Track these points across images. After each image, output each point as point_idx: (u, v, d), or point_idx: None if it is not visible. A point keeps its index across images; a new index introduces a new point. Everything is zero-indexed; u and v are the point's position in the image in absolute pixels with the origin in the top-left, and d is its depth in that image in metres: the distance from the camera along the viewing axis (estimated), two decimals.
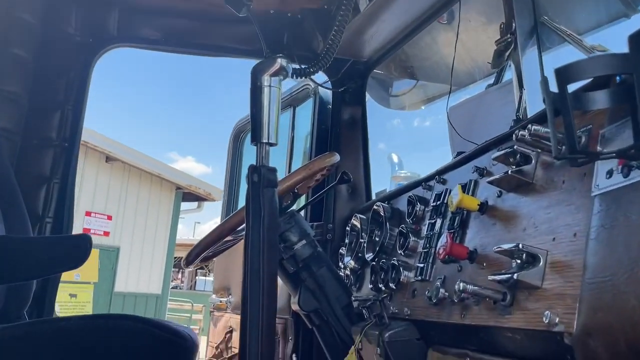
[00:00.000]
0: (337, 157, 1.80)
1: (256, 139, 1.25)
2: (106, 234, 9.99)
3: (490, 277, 1.00)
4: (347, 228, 2.18)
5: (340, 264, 2.19)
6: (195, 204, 12.42)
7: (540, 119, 1.02)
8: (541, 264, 0.92)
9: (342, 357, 1.73)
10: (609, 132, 0.86)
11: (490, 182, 1.15)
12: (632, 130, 0.72)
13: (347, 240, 2.17)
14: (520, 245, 0.94)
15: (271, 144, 1.27)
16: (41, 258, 1.34)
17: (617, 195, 0.80)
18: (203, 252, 1.67)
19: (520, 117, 1.49)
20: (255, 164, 1.24)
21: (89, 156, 9.74)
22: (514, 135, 1.01)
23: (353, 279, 2.03)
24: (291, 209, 1.83)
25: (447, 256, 1.19)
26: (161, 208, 11.15)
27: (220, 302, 3.00)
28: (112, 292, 10.14)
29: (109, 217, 10.05)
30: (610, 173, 0.82)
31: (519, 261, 0.97)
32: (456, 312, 1.19)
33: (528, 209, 1.05)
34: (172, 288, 17.88)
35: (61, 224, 2.26)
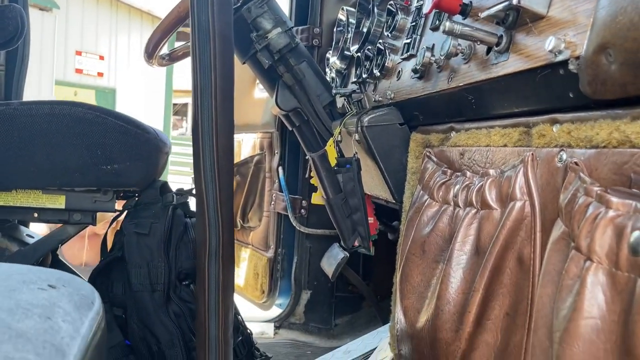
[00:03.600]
0: None
1: None
2: (100, 74, 9.70)
3: (484, 14, 0.80)
4: (335, 29, 1.95)
5: (326, 69, 1.99)
6: None
7: None
8: None
9: None
10: None
11: None
12: None
13: (334, 42, 1.96)
14: None
15: None
16: None
17: None
18: (163, 40, 1.47)
19: None
20: None
21: None
22: None
23: (339, 81, 1.85)
24: None
25: (435, 10, 0.98)
26: None
27: None
28: None
29: (101, 57, 9.68)
30: None
31: None
32: (442, 79, 1.01)
33: None
34: (179, 135, 18.00)
35: None
